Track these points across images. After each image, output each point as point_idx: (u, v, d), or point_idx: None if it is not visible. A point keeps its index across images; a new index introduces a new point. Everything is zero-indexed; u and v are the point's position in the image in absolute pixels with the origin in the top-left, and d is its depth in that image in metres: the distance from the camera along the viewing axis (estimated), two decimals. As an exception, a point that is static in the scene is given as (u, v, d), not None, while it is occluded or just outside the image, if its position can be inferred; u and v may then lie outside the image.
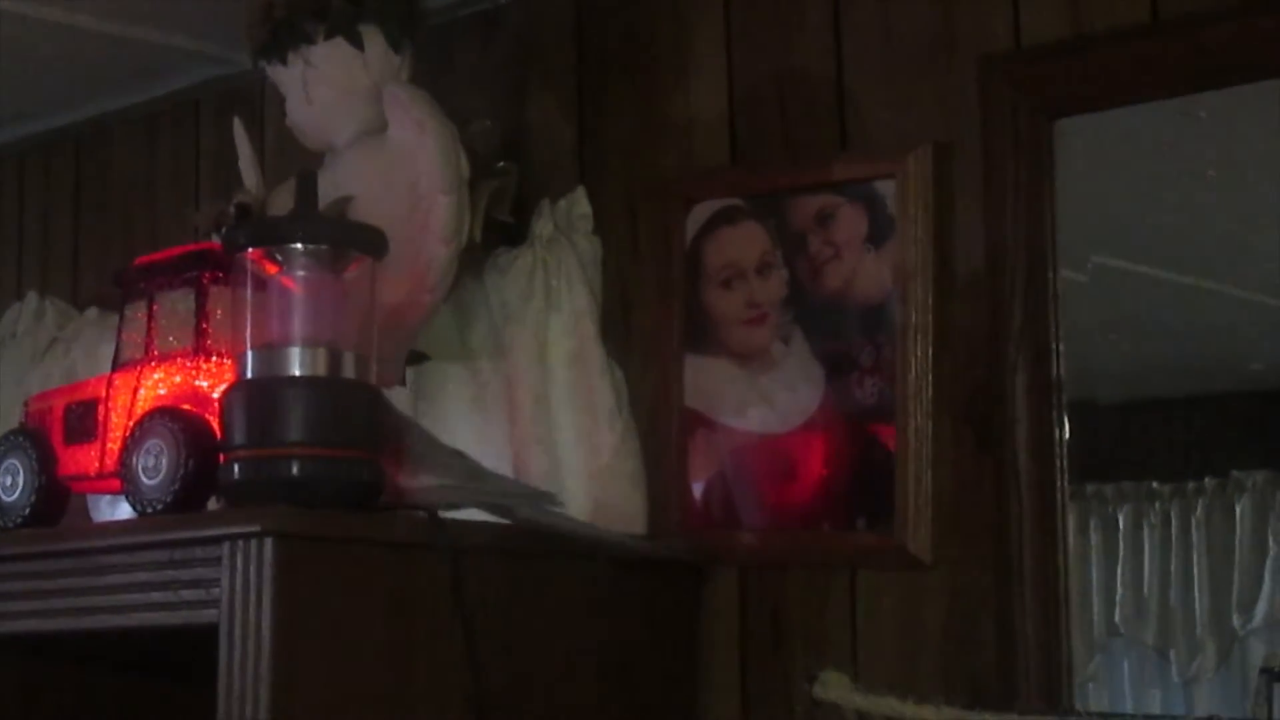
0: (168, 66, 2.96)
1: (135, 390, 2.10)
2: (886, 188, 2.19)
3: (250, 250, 1.99)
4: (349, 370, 1.97)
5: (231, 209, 2.34)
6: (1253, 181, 2.60)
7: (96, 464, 2.13)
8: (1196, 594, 4.36)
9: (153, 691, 2.47)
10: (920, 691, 1.96)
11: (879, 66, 2.23)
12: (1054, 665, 2.05)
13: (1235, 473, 4.26)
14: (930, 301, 2.14)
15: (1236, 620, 4.42)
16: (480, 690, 1.98)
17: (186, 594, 1.94)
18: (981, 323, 2.12)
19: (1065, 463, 2.07)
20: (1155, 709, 3.05)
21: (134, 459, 2.03)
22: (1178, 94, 2.09)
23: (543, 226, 2.41)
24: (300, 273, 1.99)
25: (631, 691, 2.19)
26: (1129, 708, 3.12)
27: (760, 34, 2.35)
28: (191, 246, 2.16)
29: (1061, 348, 2.08)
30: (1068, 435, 2.11)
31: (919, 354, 2.14)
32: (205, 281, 2.10)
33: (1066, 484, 2.08)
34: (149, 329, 2.13)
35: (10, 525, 2.19)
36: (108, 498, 2.32)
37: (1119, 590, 4.56)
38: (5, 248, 3.33)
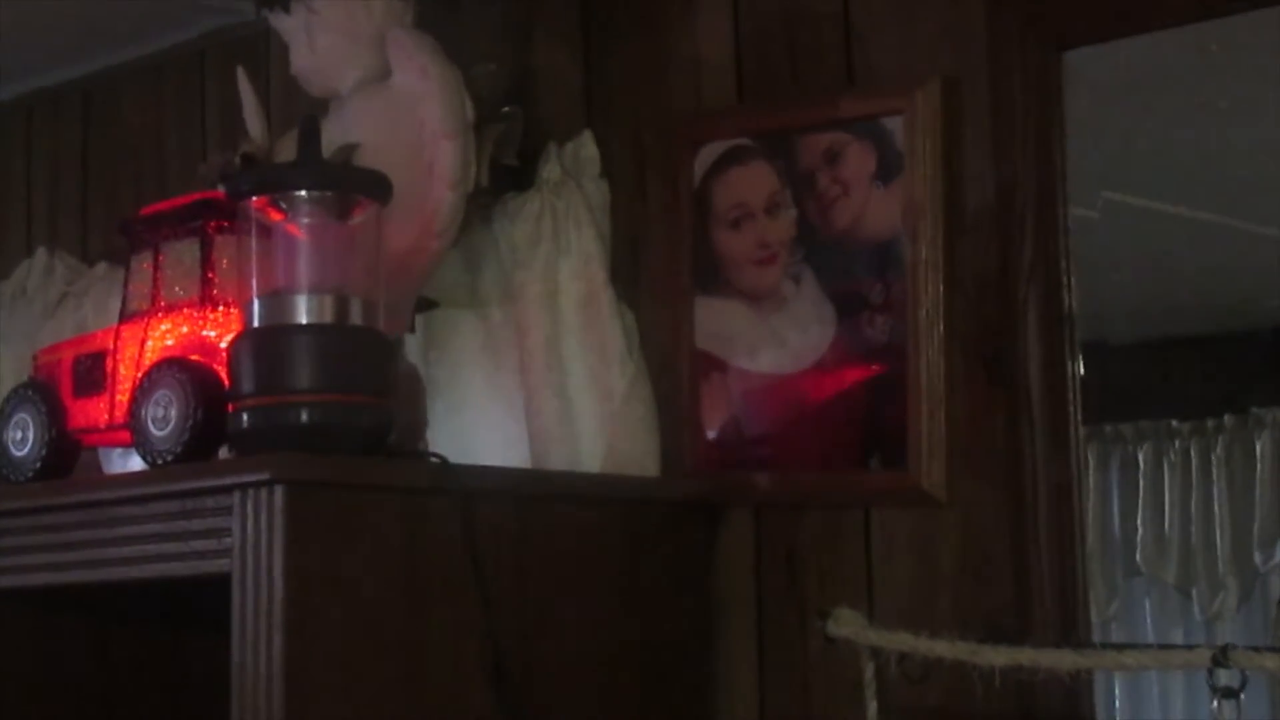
0: (172, 18, 2.95)
1: (143, 341, 2.10)
2: (894, 124, 2.18)
3: (254, 198, 1.98)
4: (356, 317, 1.96)
5: (237, 158, 2.33)
6: (1265, 113, 2.58)
7: (106, 416, 2.13)
8: (1218, 532, 4.35)
9: (167, 641, 2.47)
10: (935, 629, 1.95)
11: (885, 1, 2.21)
12: (1070, 602, 2.04)
13: (1255, 410, 4.24)
14: (940, 238, 2.13)
15: (1258, 557, 4.41)
16: (494, 634, 1.98)
17: (198, 544, 1.94)
18: (992, 259, 2.11)
19: (1079, 397, 2.06)
20: (1177, 647, 2.99)
21: (143, 410, 2.03)
22: (1187, 22, 2.07)
23: (550, 170, 2.40)
24: (305, 220, 1.98)
25: (647, 633, 2.19)
26: (1150, 646, 3.07)
27: (765, -29, 2.34)
28: (196, 196, 2.15)
29: (1073, 282, 2.07)
30: (1084, 373, 2.09)
31: (929, 291, 2.13)
32: (210, 231, 2.09)
33: (1080, 418, 2.07)
34: (155, 279, 2.13)
35: (21, 479, 2.19)
36: (118, 450, 2.32)
37: (1140, 530, 4.56)
38: (14, 203, 3.33)
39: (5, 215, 3.33)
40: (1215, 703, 1.65)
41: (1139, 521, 4.48)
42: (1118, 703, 3.18)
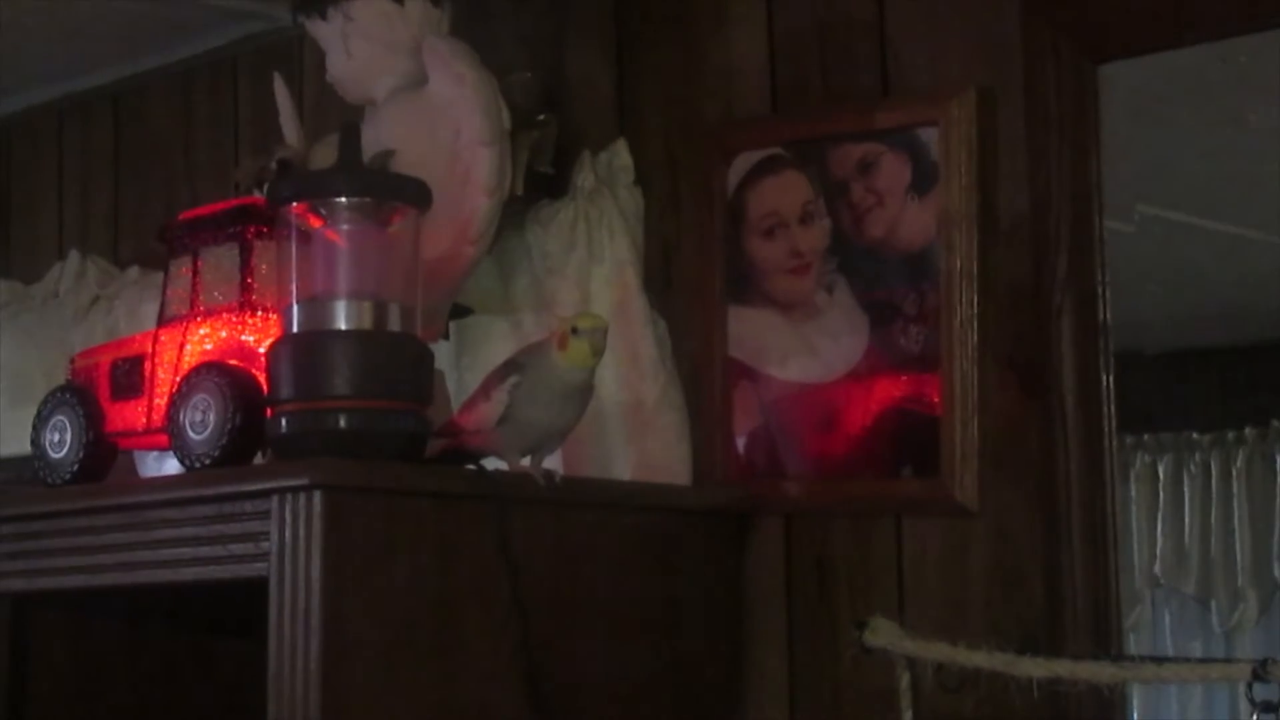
0: (205, 24, 2.95)
1: (181, 345, 2.10)
2: (929, 135, 2.18)
3: (295, 204, 1.99)
4: (394, 323, 1.97)
5: (273, 164, 2.34)
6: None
7: (143, 420, 2.14)
8: (1237, 543, 4.37)
9: (203, 644, 2.48)
10: (966, 638, 1.95)
11: (920, 11, 2.22)
12: (1102, 611, 2.04)
13: (1275, 422, 4.25)
14: (974, 249, 2.14)
15: (1278, 570, 4.41)
16: (528, 640, 1.99)
17: (236, 548, 1.94)
18: (1026, 269, 2.11)
19: (1113, 408, 2.06)
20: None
21: (181, 414, 2.03)
22: (1222, 37, 2.08)
23: (584, 178, 2.41)
24: (344, 226, 1.99)
25: (678, 640, 2.20)
26: (1172, 656, 3.08)
27: (799, -20, 2.34)
28: (235, 201, 2.16)
29: (1108, 293, 2.08)
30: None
31: (963, 301, 2.13)
32: (249, 236, 2.10)
33: (1114, 429, 2.07)
34: (194, 284, 2.13)
35: (58, 481, 2.20)
36: (155, 453, 2.33)
37: (1159, 541, 4.57)
38: (46, 207, 3.34)
39: (37, 219, 3.35)
40: (1254, 717, 1.65)
41: (1159, 533, 4.49)
42: (1135, 709, 3.17)
